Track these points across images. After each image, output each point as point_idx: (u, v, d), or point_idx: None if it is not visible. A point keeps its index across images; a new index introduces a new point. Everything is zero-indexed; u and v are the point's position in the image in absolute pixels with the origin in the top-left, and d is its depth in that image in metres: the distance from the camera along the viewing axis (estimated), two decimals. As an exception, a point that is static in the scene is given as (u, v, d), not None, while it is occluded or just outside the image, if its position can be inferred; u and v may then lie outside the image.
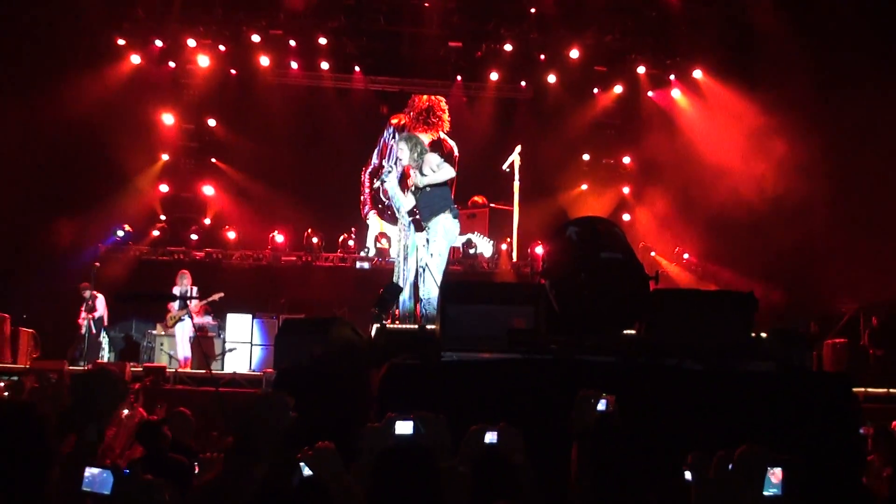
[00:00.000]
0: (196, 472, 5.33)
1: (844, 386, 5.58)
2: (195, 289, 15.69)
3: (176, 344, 15.54)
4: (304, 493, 3.30)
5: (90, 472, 2.49)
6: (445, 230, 9.66)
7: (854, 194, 16.70)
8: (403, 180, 10.63)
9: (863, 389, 13.73)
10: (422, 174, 9.71)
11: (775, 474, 1.85)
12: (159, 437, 6.40)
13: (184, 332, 15.44)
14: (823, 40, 16.58)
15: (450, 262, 10.53)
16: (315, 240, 19.75)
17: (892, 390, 14.45)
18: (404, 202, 10.05)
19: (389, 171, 10.17)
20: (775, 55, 16.83)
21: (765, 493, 1.81)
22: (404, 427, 3.48)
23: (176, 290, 15.50)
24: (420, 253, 9.95)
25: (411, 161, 9.91)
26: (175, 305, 15.52)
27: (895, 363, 15.74)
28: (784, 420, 5.05)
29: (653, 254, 20.06)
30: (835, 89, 16.51)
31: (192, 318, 15.08)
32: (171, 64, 20.22)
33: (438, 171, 9.71)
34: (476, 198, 20.07)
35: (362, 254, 20.03)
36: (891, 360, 15.81)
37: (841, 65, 16.54)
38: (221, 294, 15.80)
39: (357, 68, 20.86)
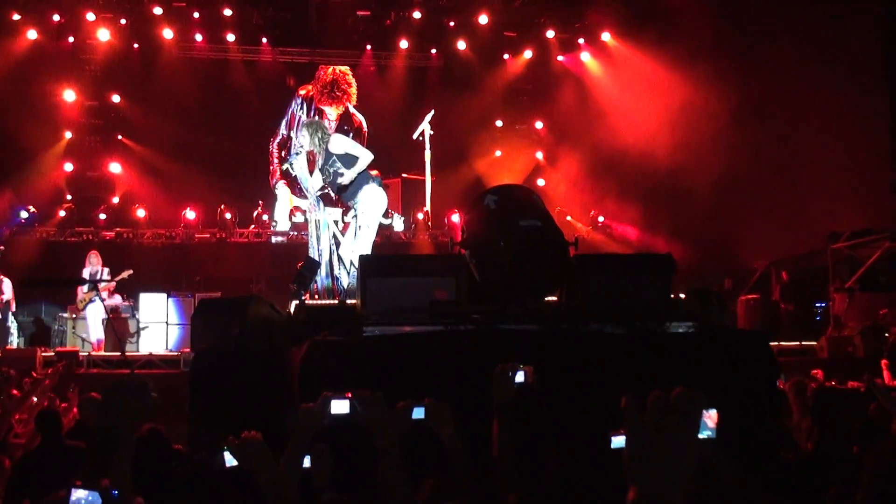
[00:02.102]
0: None
1: (762, 342, 5.66)
2: (106, 270, 15.29)
3: (87, 327, 15.12)
4: (229, 483, 3.21)
5: (77, 493, 2.45)
6: (373, 201, 9.61)
7: (764, 150, 17.00)
8: (311, 161, 10.52)
9: (776, 344, 14.07)
10: (339, 173, 9.64)
11: (711, 417, 1.85)
12: (55, 424, 6.31)
13: (95, 314, 15.05)
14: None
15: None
16: (228, 215, 19.42)
17: (803, 343, 14.83)
18: (311, 183, 9.95)
19: (297, 154, 10.08)
20: (682, 14, 16.98)
21: (700, 435, 1.79)
22: (340, 406, 3.39)
23: (86, 272, 15.10)
24: (332, 229, 9.87)
25: (313, 146, 9.83)
26: (85, 287, 15.11)
27: (805, 317, 16.18)
28: (706, 379, 5.09)
29: (568, 218, 20.21)
30: (746, 48, 16.74)
31: (102, 299, 14.72)
32: (70, 39, 19.59)
33: (355, 165, 9.67)
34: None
35: (273, 227, 19.76)
36: (801, 314, 16.25)
37: (751, 23, 16.78)
38: (130, 271, 15.40)
39: (264, 40, 20.51)
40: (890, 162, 15.12)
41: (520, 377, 3.81)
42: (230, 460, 3.08)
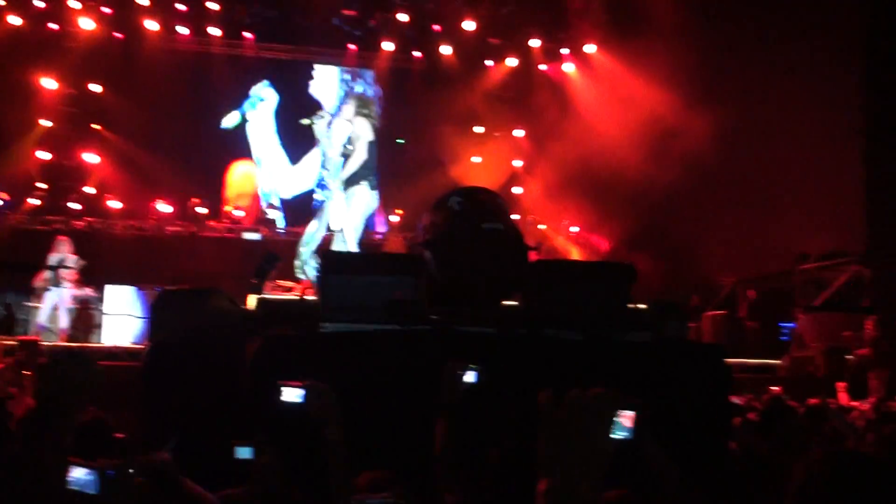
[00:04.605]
0: None
1: (717, 356, 5.70)
2: (76, 258, 15.12)
3: (41, 313, 14.89)
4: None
5: (75, 471, 2.44)
6: (364, 202, 9.57)
7: (736, 170, 17.11)
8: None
9: (739, 360, 14.17)
10: (346, 156, 9.60)
11: (627, 417, 1.87)
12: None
13: (58, 300, 14.83)
14: (712, 20, 16.91)
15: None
16: (201, 209, 19.34)
17: (767, 361, 14.95)
18: (332, 149, 9.77)
19: (322, 117, 9.87)
20: (666, 32, 17.09)
21: (613, 435, 1.82)
22: (291, 394, 3.39)
23: (53, 258, 14.90)
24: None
25: (350, 117, 9.72)
26: (47, 274, 14.92)
27: (770, 336, 16.30)
28: (658, 388, 5.13)
29: (542, 227, 20.26)
30: (723, 68, 16.86)
31: (61, 286, 14.50)
32: (53, 26, 19.45)
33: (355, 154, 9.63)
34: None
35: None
36: (766, 332, 16.37)
37: (732, 45, 16.90)
38: (84, 262, 15.23)
39: (248, 35, 20.46)
40: (862, 185, 15.25)
41: (469, 377, 3.81)
42: (242, 453, 3.09)
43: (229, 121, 20.63)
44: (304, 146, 20.09)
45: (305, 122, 18.77)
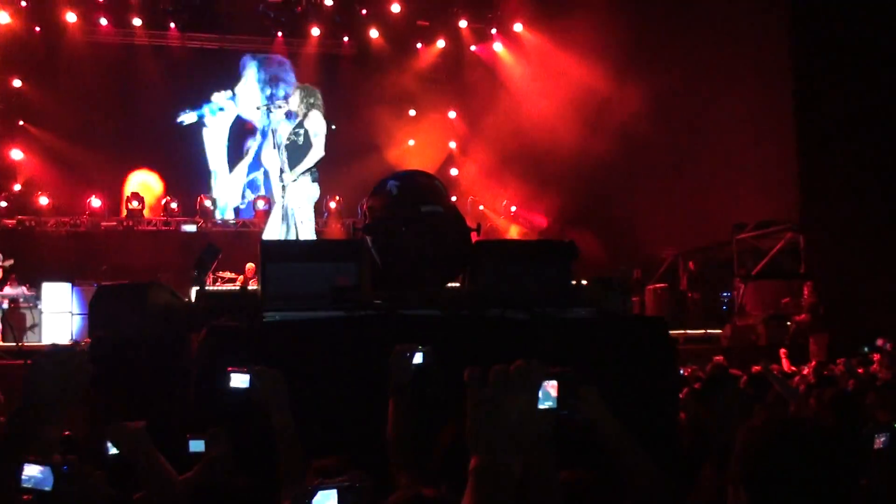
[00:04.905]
0: None
1: (660, 329, 5.75)
2: None
3: None
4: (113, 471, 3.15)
5: (29, 468, 2.37)
6: (307, 195, 9.49)
7: (673, 143, 17.28)
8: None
9: (682, 332, 14.37)
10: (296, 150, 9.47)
11: (553, 387, 1.88)
12: None
13: None
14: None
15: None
16: (136, 203, 19.05)
17: (709, 332, 15.16)
18: (280, 135, 9.63)
19: (279, 107, 9.71)
20: (592, 5, 17.16)
21: (540, 405, 1.83)
22: (240, 380, 3.34)
23: None
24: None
25: (298, 110, 9.63)
26: None
27: (711, 306, 16.54)
28: (604, 363, 5.16)
29: (481, 207, 20.30)
30: (654, 39, 16.97)
31: None
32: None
33: (309, 154, 9.51)
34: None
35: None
36: (707, 303, 16.60)
37: (659, 14, 17.01)
38: (11, 261, 14.89)
39: (172, 25, 20.14)
40: (794, 154, 15.48)
41: (418, 358, 3.81)
42: (111, 448, 3.03)
43: (187, 118, 20.37)
44: (240, 156, 20.50)
45: (263, 106, 18.73)
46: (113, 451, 3.05)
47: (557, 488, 2.59)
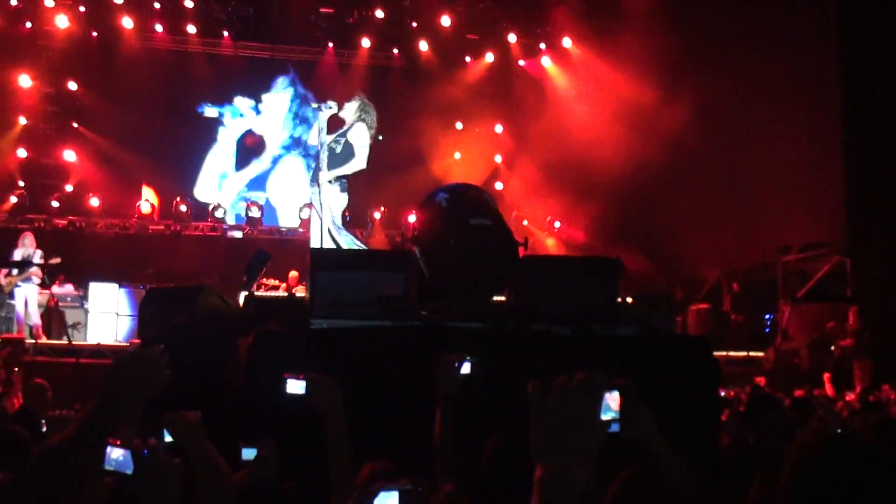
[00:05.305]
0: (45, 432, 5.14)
1: (704, 348, 5.76)
2: (39, 253, 14.84)
3: (14, 310, 14.69)
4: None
5: (112, 451, 2.45)
6: (333, 203, 9.56)
7: (719, 161, 17.19)
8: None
9: (724, 353, 14.26)
10: (336, 161, 9.52)
11: (613, 398, 1.92)
12: None
13: (27, 296, 14.61)
14: (688, 10, 16.97)
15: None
16: (184, 208, 19.29)
17: (751, 354, 15.03)
18: (325, 141, 9.71)
19: (330, 108, 9.75)
20: (642, 22, 17.14)
21: (603, 416, 1.88)
22: (296, 386, 3.41)
23: (18, 253, 14.61)
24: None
25: (351, 119, 9.73)
26: (16, 271, 14.65)
27: (755, 328, 16.40)
28: (648, 381, 5.16)
29: (525, 222, 20.31)
30: (701, 60, 16.91)
31: (29, 283, 14.36)
32: (28, 24, 19.37)
33: (348, 163, 9.56)
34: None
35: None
36: (750, 324, 16.46)
37: (710, 32, 16.95)
38: (58, 259, 15.06)
39: (225, 33, 20.43)
40: (842, 176, 15.35)
41: (466, 368, 3.85)
42: (167, 437, 3.09)
43: (209, 112, 20.70)
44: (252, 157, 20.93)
45: (314, 105, 19.00)
46: (168, 438, 3.10)
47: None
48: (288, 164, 21.56)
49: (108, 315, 15.02)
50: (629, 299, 6.74)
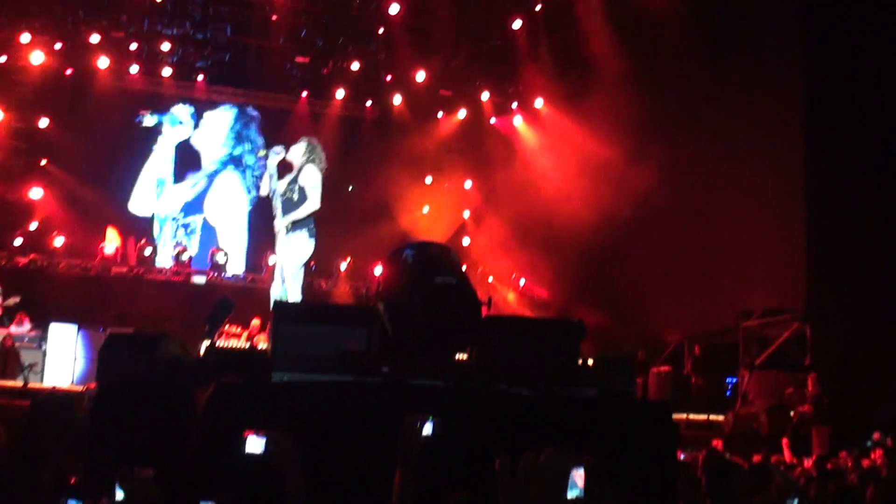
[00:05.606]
0: None
1: (664, 413, 5.78)
2: None
3: None
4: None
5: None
6: (300, 249, 9.59)
7: (683, 225, 17.36)
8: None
9: (685, 416, 14.32)
10: (290, 205, 9.58)
11: (579, 475, 1.93)
12: None
13: None
14: (658, 75, 17.24)
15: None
16: (148, 251, 19.18)
17: (711, 417, 15.09)
18: (278, 185, 9.73)
19: (278, 153, 9.82)
20: (612, 84, 17.38)
21: (569, 494, 1.88)
22: (255, 445, 3.37)
23: None
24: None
25: (299, 162, 9.78)
26: None
27: (715, 391, 16.48)
28: (606, 444, 5.19)
29: (490, 279, 20.36)
30: (669, 123, 17.15)
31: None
32: (2, 58, 19.28)
33: (302, 206, 9.61)
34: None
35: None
36: (711, 388, 16.55)
37: (675, 98, 17.21)
38: (17, 299, 14.91)
39: (200, 77, 20.48)
40: (804, 243, 15.55)
41: (428, 429, 3.85)
42: (118, 494, 3.06)
43: (148, 121, 20.63)
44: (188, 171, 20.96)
45: (262, 153, 19.06)
46: (120, 496, 3.07)
47: None
48: (224, 181, 21.47)
49: (65, 357, 14.84)
50: (590, 361, 6.77)
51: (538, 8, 18.46)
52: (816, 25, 15.28)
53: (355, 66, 20.13)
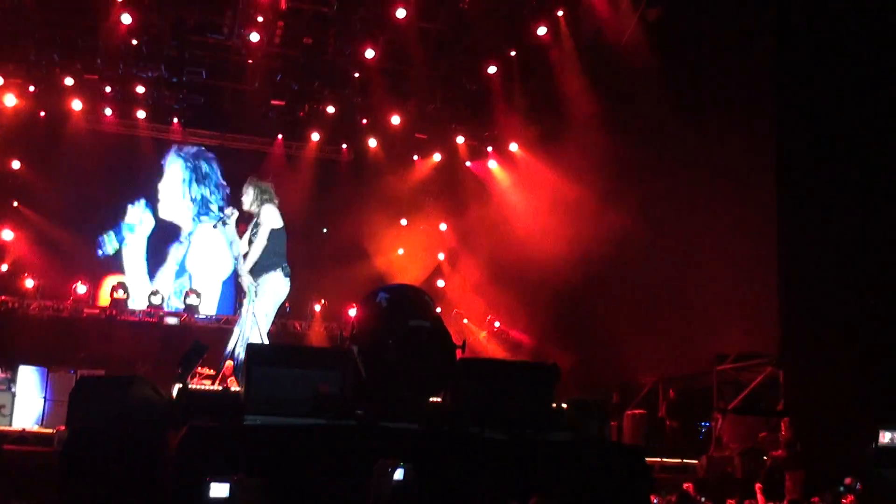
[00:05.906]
0: None
1: (637, 456, 5.80)
2: None
3: None
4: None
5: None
6: (274, 290, 9.55)
7: (657, 269, 17.44)
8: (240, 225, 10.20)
9: (658, 459, 14.30)
10: (251, 239, 9.55)
11: None
12: None
13: None
14: (631, 120, 17.43)
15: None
16: (121, 293, 19.06)
17: (685, 461, 15.09)
18: (238, 246, 9.76)
19: (230, 216, 9.79)
20: (586, 128, 17.53)
21: None
22: (220, 490, 3.36)
23: None
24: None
25: (252, 206, 9.76)
26: None
27: (689, 435, 16.49)
28: (580, 488, 5.19)
29: (465, 321, 20.36)
30: (642, 166, 17.30)
31: None
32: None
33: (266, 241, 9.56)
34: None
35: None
36: (685, 431, 16.57)
37: (649, 142, 17.38)
38: None
39: (175, 120, 20.50)
40: (776, 288, 15.63)
41: (399, 474, 3.85)
42: None
43: (110, 248, 20.55)
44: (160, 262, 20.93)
45: (213, 223, 19.10)
46: None
47: None
48: (200, 235, 21.42)
49: (34, 400, 14.70)
50: (564, 405, 6.78)
51: (513, 54, 18.59)
52: (787, 71, 15.48)
53: (331, 109, 20.19)
